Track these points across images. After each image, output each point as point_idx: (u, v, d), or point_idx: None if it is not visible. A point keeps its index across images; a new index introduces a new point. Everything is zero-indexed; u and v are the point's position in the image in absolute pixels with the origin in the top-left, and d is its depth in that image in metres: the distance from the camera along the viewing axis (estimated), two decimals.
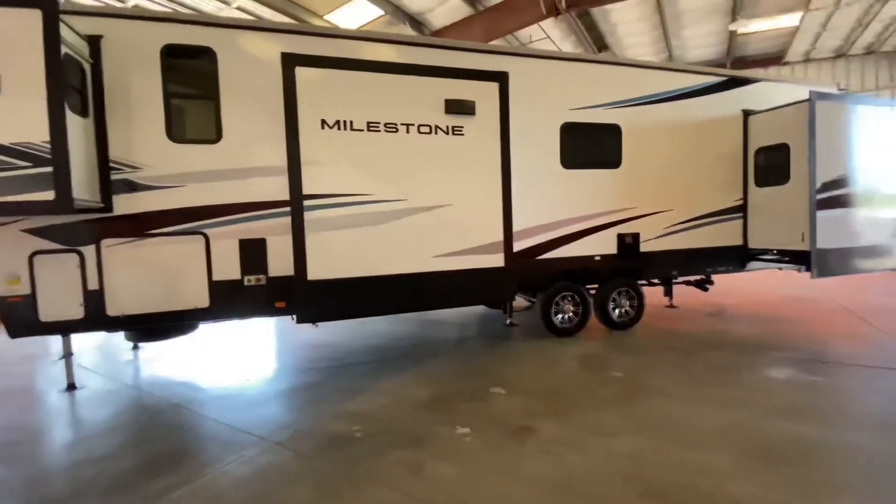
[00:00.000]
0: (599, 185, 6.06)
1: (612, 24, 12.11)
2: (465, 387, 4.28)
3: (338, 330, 6.56)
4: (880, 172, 6.51)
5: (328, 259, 4.32)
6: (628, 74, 6.17)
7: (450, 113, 4.65)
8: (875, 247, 6.52)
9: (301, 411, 3.89)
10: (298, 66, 4.20)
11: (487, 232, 4.87)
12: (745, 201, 6.91)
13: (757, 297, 8.44)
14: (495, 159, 4.86)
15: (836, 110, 6.19)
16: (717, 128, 6.73)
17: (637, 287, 6.43)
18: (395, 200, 4.51)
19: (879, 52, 12.23)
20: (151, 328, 4.73)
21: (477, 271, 4.82)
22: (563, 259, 5.90)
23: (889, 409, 3.54)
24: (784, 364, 4.63)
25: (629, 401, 3.86)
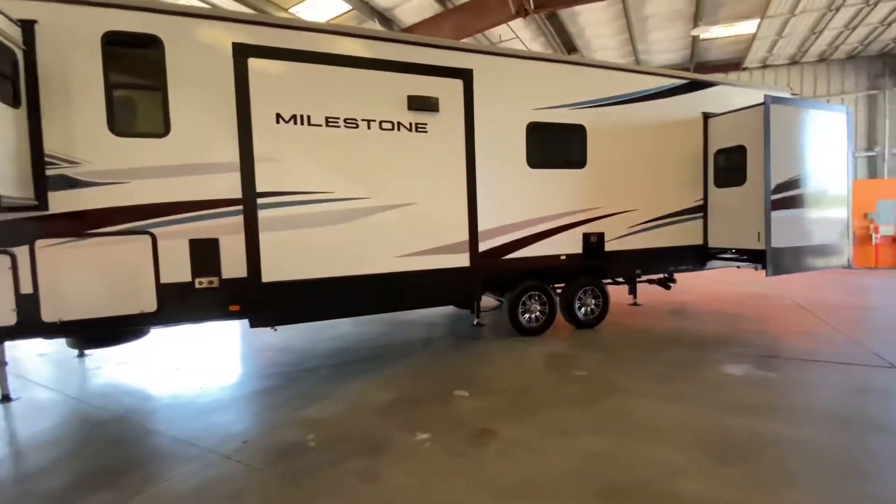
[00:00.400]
0: (565, 185, 6.09)
1: (581, 26, 12.27)
2: (427, 390, 4.18)
3: (301, 332, 6.37)
4: (830, 174, 6.79)
5: (284, 260, 4.15)
6: (593, 75, 6.22)
7: (413, 109, 4.55)
8: (825, 245, 6.80)
9: (254, 420, 3.71)
10: (251, 57, 4.01)
11: (452, 231, 4.80)
12: (706, 202, 7.09)
13: (716, 295, 8.69)
14: (460, 157, 4.79)
15: (790, 114, 6.42)
16: (678, 130, 6.87)
17: (602, 286, 6.49)
18: (355, 199, 4.38)
19: (831, 59, 12.84)
20: (94, 335, 4.46)
21: (442, 271, 4.74)
22: (529, 258, 5.89)
23: (838, 404, 3.64)
24: (741, 360, 4.74)
25: (592, 399, 3.86)
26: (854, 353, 4.90)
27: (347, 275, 4.35)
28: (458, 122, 4.77)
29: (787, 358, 4.77)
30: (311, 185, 4.24)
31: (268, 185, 4.09)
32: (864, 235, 12.76)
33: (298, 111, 4.16)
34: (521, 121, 5.73)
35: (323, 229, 4.27)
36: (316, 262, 4.26)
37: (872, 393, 3.83)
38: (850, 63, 12.80)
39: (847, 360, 4.64)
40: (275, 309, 4.15)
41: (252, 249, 4.07)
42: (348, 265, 4.36)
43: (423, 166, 4.65)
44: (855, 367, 4.47)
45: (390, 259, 4.52)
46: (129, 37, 4.09)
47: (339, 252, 4.33)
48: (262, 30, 4.25)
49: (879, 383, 4.03)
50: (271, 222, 4.11)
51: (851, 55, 12.61)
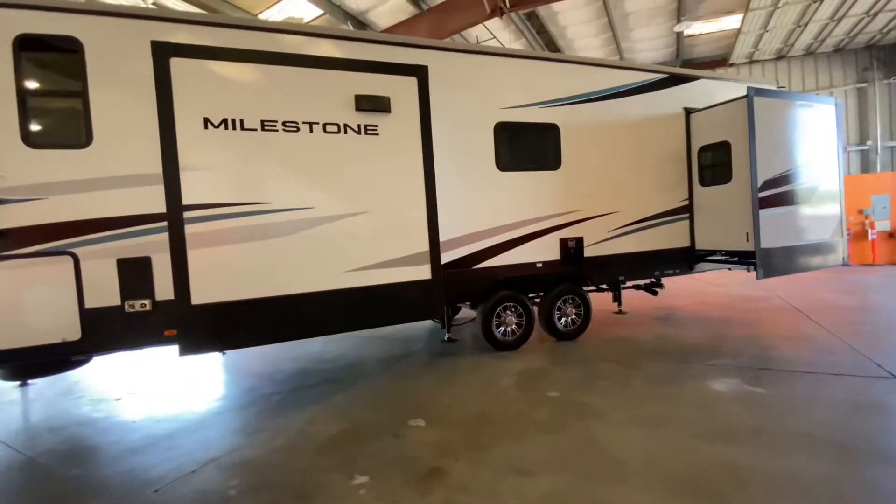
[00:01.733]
0: (538, 188, 5.71)
1: (562, 26, 11.98)
2: (381, 419, 3.77)
3: (266, 352, 5.95)
4: (821, 169, 6.44)
5: (217, 279, 3.74)
6: (565, 71, 5.86)
7: (361, 110, 4.17)
8: (819, 244, 6.42)
9: (179, 461, 3.28)
10: (174, 56, 3.63)
11: (410, 241, 4.40)
12: (691, 202, 6.72)
13: (707, 298, 8.29)
14: (416, 161, 4.40)
15: (775, 106, 6.07)
16: (659, 126, 6.52)
17: (583, 294, 6.09)
18: (297, 209, 3.98)
19: (818, 53, 12.56)
20: (20, 366, 4.06)
21: (398, 286, 4.33)
22: (502, 267, 5.50)
23: (833, 425, 3.24)
24: (728, 374, 4.33)
25: (558, 426, 3.44)
26: (852, 362, 4.50)
27: (290, 293, 3.94)
28: (413, 123, 4.38)
29: (779, 370, 4.37)
30: (246, 196, 3.84)
31: (196, 196, 3.69)
32: (860, 232, 12.41)
33: (229, 115, 3.78)
34: (487, 121, 5.36)
35: (261, 244, 3.87)
36: (253, 281, 3.85)
37: (871, 410, 3.42)
38: (837, 56, 12.52)
39: (844, 371, 4.24)
40: (207, 334, 3.74)
41: (179, 268, 3.66)
42: (291, 283, 3.95)
43: (375, 172, 4.26)
44: (853, 378, 4.07)
45: (339, 274, 4.11)
46: (45, 39, 3.72)
47: (279, 269, 3.92)
48: (186, 27, 3.89)
49: (879, 398, 3.62)
50: (201, 238, 3.70)
51: (838, 48, 12.33)
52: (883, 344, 5.02)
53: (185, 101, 3.66)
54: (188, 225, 3.67)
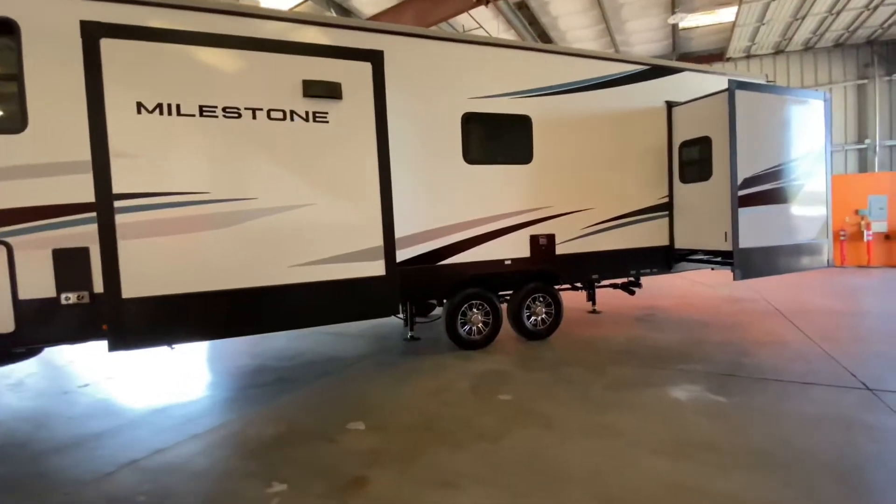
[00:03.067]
0: (509, 182, 5.49)
1: (553, 16, 11.68)
2: (320, 423, 3.59)
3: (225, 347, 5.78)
4: (807, 167, 6.18)
5: (150, 272, 3.55)
6: (538, 61, 5.62)
7: (309, 96, 3.95)
8: (801, 245, 6.19)
9: (95, 462, 3.11)
10: (104, 37, 3.42)
11: (362, 236, 4.19)
12: (671, 199, 6.49)
13: (691, 299, 8.07)
14: (369, 151, 4.18)
15: (759, 101, 5.80)
16: (639, 120, 6.27)
17: (554, 292, 5.89)
18: (239, 200, 3.78)
19: (817, 48, 12.21)
20: None
21: (349, 282, 4.13)
22: (468, 264, 5.30)
23: (787, 441, 3.03)
24: (694, 380, 4.13)
25: (501, 434, 3.25)
26: (825, 370, 4.29)
27: (229, 288, 3.75)
28: (367, 111, 4.16)
29: (747, 377, 4.16)
30: (181, 185, 3.64)
31: (127, 185, 3.49)
32: (856, 232, 12.13)
33: (165, 99, 3.57)
34: (454, 111, 5.14)
35: (198, 236, 3.67)
36: (190, 275, 3.66)
37: (833, 425, 3.21)
38: (837, 51, 12.16)
39: (815, 380, 4.03)
40: (138, 330, 3.55)
41: (109, 260, 3.47)
42: (230, 277, 3.76)
43: (324, 161, 4.05)
44: (822, 388, 3.86)
45: (283, 270, 3.91)
46: None
47: (217, 262, 3.72)
48: (119, 7, 3.68)
49: (844, 411, 3.41)
50: (132, 228, 3.50)
51: (838, 43, 11.97)
52: (861, 351, 4.80)
53: (116, 84, 3.45)
54: (119, 215, 3.48)
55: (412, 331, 5.67)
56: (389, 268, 4.29)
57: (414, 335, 5.76)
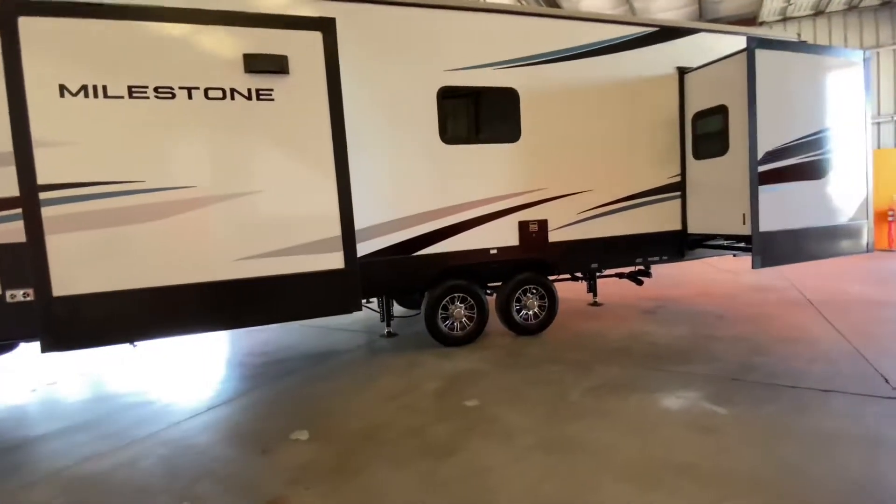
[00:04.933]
0: (493, 163, 5.00)
1: None
2: (263, 429, 3.29)
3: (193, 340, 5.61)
4: (840, 137, 5.38)
5: (82, 268, 3.31)
6: (524, 26, 5.04)
7: (252, 72, 3.57)
8: (835, 228, 5.42)
9: (15, 472, 2.92)
10: (22, 15, 3.14)
11: (317, 225, 3.82)
12: (684, 178, 5.82)
13: (711, 288, 7.37)
14: (322, 131, 3.78)
15: (784, 61, 5.04)
16: (646, 90, 5.61)
17: (547, 283, 5.38)
18: (175, 188, 3.46)
19: (863, 7, 10.88)
20: None
21: (302, 276, 3.78)
22: (448, 254, 4.88)
23: (787, 465, 2.49)
24: (691, 385, 3.59)
25: (453, 448, 2.85)
26: (852, 373, 3.66)
27: (168, 285, 3.47)
28: (318, 87, 3.75)
29: (755, 382, 3.59)
30: (112, 174, 3.35)
31: (53, 175, 3.23)
32: None
33: (91, 80, 3.26)
34: (428, 85, 4.67)
35: (132, 228, 3.39)
36: (125, 270, 3.39)
37: (852, 443, 2.64)
38: (884, 10, 10.77)
39: (837, 386, 3.42)
40: (70, 329, 3.33)
41: (37, 256, 3.24)
42: (169, 273, 3.47)
43: (270, 144, 3.68)
44: (844, 396, 3.25)
45: (228, 263, 3.60)
46: None
47: (155, 256, 3.44)
48: None
49: (867, 426, 2.82)
50: (60, 222, 3.25)
51: (885, 1, 10.62)
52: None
53: (36, 66, 3.17)
54: (45, 207, 3.23)
55: (389, 326, 5.31)
56: (349, 260, 3.92)
57: (391, 331, 5.39)
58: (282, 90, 3.68)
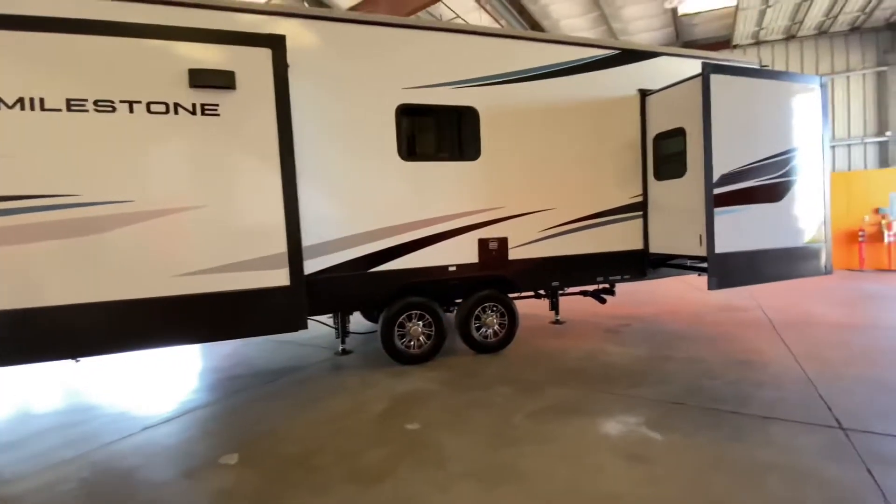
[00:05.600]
0: (452, 181, 4.99)
1: (543, 4, 11.05)
2: (193, 453, 3.19)
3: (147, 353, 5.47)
4: (797, 161, 5.47)
5: (13, 282, 3.21)
6: (485, 46, 5.08)
7: (197, 87, 3.54)
8: (792, 249, 5.48)
9: None
10: None
11: (261, 242, 3.77)
12: (645, 198, 5.86)
13: (679, 306, 7.40)
14: (269, 147, 3.75)
15: (740, 86, 5.13)
16: (608, 111, 5.67)
17: (507, 301, 5.36)
18: (112, 202, 3.39)
19: (833, 32, 11.21)
20: None
21: (245, 294, 3.71)
22: (406, 271, 4.83)
23: (719, 498, 2.46)
24: (635, 409, 3.56)
25: (383, 474, 2.78)
26: (796, 400, 3.65)
27: (103, 301, 3.38)
28: (266, 102, 3.73)
29: (699, 407, 3.56)
30: (47, 187, 3.27)
31: None
32: (876, 233, 11.11)
33: (27, 93, 3.20)
34: (386, 102, 4.66)
35: (66, 242, 3.30)
36: (59, 285, 3.30)
37: (782, 475, 2.61)
38: (854, 36, 11.12)
39: (779, 413, 3.41)
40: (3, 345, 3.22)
41: None
42: (104, 288, 3.38)
43: (214, 159, 3.64)
44: (784, 424, 3.24)
45: (166, 280, 3.52)
46: None
47: (89, 271, 3.36)
48: None
49: (802, 457, 2.80)
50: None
51: (855, 27, 10.94)
52: (848, 376, 4.12)
53: None
54: None
55: (344, 343, 5.22)
56: (294, 277, 3.86)
57: (346, 348, 5.31)
58: (228, 105, 3.64)
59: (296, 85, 4.18)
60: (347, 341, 5.34)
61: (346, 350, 5.31)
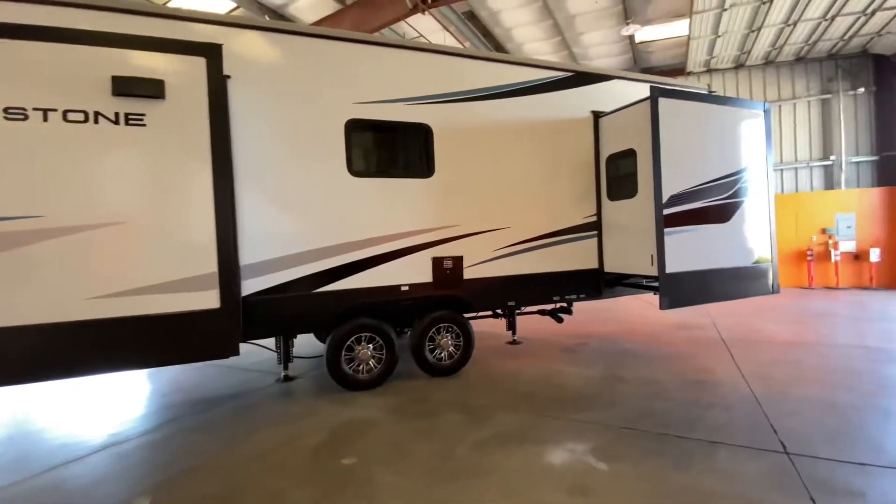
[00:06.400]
0: (405, 198, 4.86)
1: (506, 28, 11.24)
2: (109, 493, 2.87)
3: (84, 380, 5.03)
4: (744, 183, 5.61)
5: None
6: (438, 64, 5.05)
7: (121, 95, 3.32)
8: (741, 269, 5.57)
9: None
10: None
11: (189, 261, 3.51)
12: (599, 218, 5.89)
13: (637, 325, 7.43)
14: (200, 160, 3.53)
15: (687, 110, 5.25)
16: (562, 131, 5.70)
17: (462, 322, 5.21)
18: (19, 218, 3.09)
19: (779, 62, 11.86)
20: None
21: (170, 318, 3.43)
22: (356, 291, 4.63)
23: None
24: (583, 435, 3.44)
25: None
26: (743, 422, 3.62)
27: (5, 325, 3.05)
28: (198, 113, 3.53)
29: (647, 432, 3.48)
30: None
31: None
32: (824, 252, 11.62)
33: None
34: (335, 117, 4.52)
35: None
36: None
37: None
38: (799, 65, 11.79)
39: (725, 437, 3.35)
40: None
41: None
42: (6, 312, 3.06)
43: (138, 172, 3.39)
44: (730, 449, 3.18)
45: (80, 303, 3.21)
46: None
47: None
48: None
49: (744, 485, 2.73)
50: None
51: (800, 57, 11.61)
52: (794, 396, 4.14)
53: None
54: None
55: (287, 369, 4.93)
56: (226, 299, 3.60)
57: (289, 374, 5.01)
58: (155, 116, 3.42)
59: (239, 96, 4.03)
60: (294, 366, 5.06)
61: (290, 376, 5.01)
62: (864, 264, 11.25)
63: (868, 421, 3.57)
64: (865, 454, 3.07)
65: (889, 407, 3.84)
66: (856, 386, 4.34)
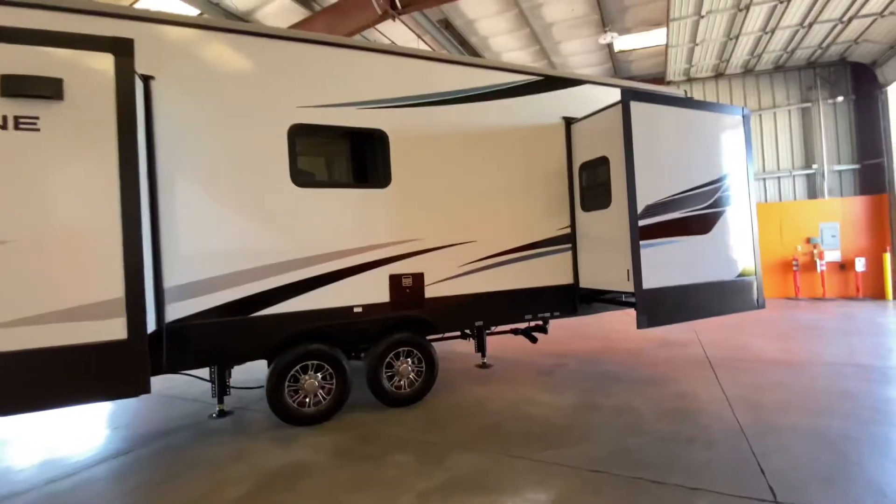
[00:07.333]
0: (357, 210, 4.44)
1: (482, 36, 11.01)
2: None
3: None
4: (724, 191, 5.28)
5: None
6: (396, 65, 4.68)
7: (11, 96, 2.87)
8: (723, 283, 5.21)
9: None
10: None
11: (89, 285, 3.03)
12: (573, 230, 5.51)
13: (618, 342, 7.03)
14: (106, 170, 3.08)
15: (661, 115, 4.92)
16: (532, 138, 5.35)
17: (424, 345, 4.76)
18: None
19: (759, 71, 11.76)
20: None
21: (66, 351, 2.95)
22: (301, 314, 4.18)
23: None
24: (547, 480, 2.99)
25: None
26: (727, 461, 3.19)
27: None
28: (104, 117, 3.08)
29: (620, 476, 3.04)
30: None
31: None
32: (809, 262, 11.41)
33: None
34: (276, 122, 4.11)
35: None
36: None
37: None
38: (779, 74, 11.70)
39: (706, 482, 2.92)
40: None
41: None
42: None
43: (27, 183, 2.93)
44: (711, 497, 2.75)
45: None
46: None
47: None
48: None
49: None
50: None
51: (779, 65, 11.52)
52: (785, 427, 3.73)
53: None
54: None
55: (221, 403, 4.42)
56: (134, 329, 3.11)
57: (224, 409, 4.49)
58: (51, 119, 2.97)
59: (166, 99, 3.63)
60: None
61: (224, 411, 4.48)
62: (850, 274, 11.03)
63: (866, 456, 3.17)
64: (865, 498, 2.66)
65: (887, 436, 3.46)
66: (850, 411, 3.96)
